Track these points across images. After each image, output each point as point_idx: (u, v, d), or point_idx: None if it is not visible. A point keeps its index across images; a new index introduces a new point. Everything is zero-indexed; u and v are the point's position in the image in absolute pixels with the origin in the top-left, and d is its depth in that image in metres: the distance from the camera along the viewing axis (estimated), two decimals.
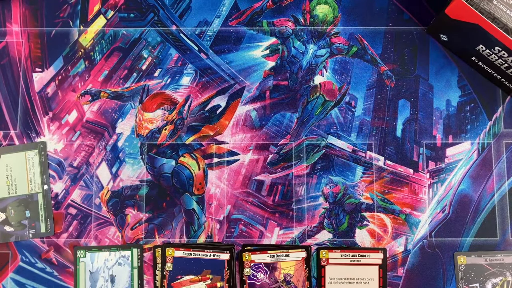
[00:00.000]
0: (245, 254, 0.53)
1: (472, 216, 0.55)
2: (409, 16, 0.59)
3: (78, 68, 0.58)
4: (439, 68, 0.58)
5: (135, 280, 0.53)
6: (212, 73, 0.58)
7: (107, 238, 0.55)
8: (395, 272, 0.54)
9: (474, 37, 0.52)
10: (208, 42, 0.59)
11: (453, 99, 0.58)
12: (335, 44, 0.59)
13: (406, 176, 0.56)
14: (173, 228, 0.55)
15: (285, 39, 0.59)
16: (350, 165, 0.56)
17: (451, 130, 0.57)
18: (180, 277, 0.52)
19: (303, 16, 0.59)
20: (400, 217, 0.55)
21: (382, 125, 0.57)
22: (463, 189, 0.56)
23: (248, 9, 0.59)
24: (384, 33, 0.59)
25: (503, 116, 0.57)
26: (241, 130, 0.57)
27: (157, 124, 0.57)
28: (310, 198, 0.56)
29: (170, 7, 0.59)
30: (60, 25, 0.59)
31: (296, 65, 0.58)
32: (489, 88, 0.58)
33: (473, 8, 0.49)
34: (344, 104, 0.58)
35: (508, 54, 0.50)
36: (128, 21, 0.59)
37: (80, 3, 0.59)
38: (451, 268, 0.54)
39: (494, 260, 0.54)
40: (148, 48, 0.58)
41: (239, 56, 0.58)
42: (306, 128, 0.57)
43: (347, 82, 0.58)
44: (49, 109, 0.57)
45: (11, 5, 0.59)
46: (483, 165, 0.56)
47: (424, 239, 0.55)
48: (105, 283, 0.53)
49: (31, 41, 0.58)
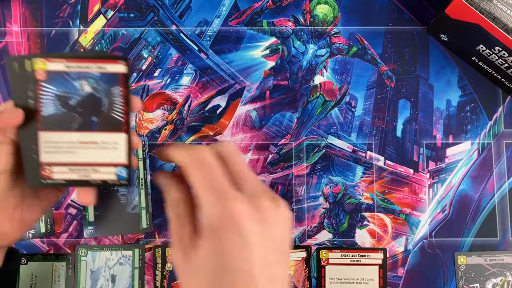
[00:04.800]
0: None
1: (472, 216, 0.55)
2: (409, 16, 0.59)
3: None
4: (440, 68, 0.58)
5: (135, 280, 0.53)
6: (212, 73, 0.58)
7: (107, 238, 0.55)
8: (395, 272, 0.54)
9: (474, 37, 0.52)
10: (208, 42, 0.58)
11: (453, 99, 0.58)
12: (335, 44, 0.59)
13: (406, 176, 0.56)
14: None
15: (285, 39, 0.59)
16: (350, 165, 0.56)
17: (452, 130, 0.57)
18: None
19: (303, 16, 0.59)
20: (400, 217, 0.55)
21: (382, 125, 0.57)
22: (463, 189, 0.56)
23: (248, 9, 0.59)
24: (384, 33, 0.59)
25: (503, 116, 0.57)
26: (241, 130, 0.57)
27: (157, 124, 0.57)
28: (310, 198, 0.56)
29: (170, 7, 0.59)
30: (60, 25, 0.59)
31: (296, 65, 0.58)
32: (489, 88, 0.58)
33: (473, 8, 0.49)
34: (344, 104, 0.58)
35: (508, 54, 0.50)
36: (128, 21, 0.59)
37: (80, 3, 0.59)
38: (451, 268, 0.54)
39: (494, 260, 0.54)
40: (148, 48, 0.58)
41: (239, 56, 0.58)
42: (306, 128, 0.57)
43: (347, 82, 0.58)
44: None
45: (11, 5, 0.59)
46: (483, 165, 0.56)
47: (424, 239, 0.55)
48: (105, 283, 0.53)
49: (31, 41, 0.58)
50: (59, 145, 0.34)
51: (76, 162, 0.35)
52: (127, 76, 0.34)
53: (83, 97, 0.34)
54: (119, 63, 0.33)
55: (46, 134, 0.34)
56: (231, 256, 0.27)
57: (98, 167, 0.35)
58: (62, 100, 0.33)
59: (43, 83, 0.33)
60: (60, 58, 0.33)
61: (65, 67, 0.33)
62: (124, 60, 0.34)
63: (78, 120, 0.34)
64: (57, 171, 0.35)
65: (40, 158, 0.34)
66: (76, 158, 0.35)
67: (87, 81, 0.33)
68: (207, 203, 0.28)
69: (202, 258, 0.28)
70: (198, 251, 0.28)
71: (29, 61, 0.32)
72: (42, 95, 0.33)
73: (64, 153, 0.34)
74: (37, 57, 0.32)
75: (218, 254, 0.27)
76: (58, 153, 0.34)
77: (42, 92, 0.33)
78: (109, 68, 0.34)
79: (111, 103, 0.34)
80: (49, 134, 0.34)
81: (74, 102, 0.34)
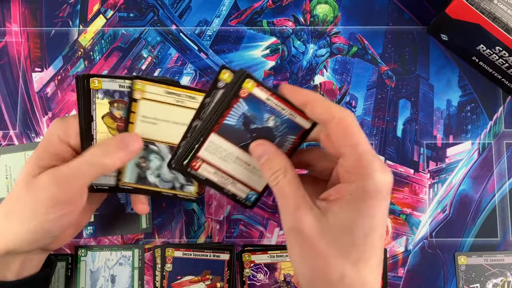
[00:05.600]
0: (245, 254, 0.53)
1: (473, 217, 0.55)
2: (410, 16, 0.59)
3: (77, 68, 0.58)
4: (440, 68, 0.58)
5: (135, 280, 0.53)
6: (212, 73, 0.58)
7: (106, 239, 0.55)
8: (396, 272, 0.54)
9: (474, 37, 0.52)
10: (208, 41, 0.58)
11: (453, 99, 0.58)
12: (335, 43, 0.59)
13: (407, 176, 0.56)
14: (172, 228, 0.55)
15: (285, 39, 0.59)
16: None
17: (452, 130, 0.57)
18: (180, 278, 0.52)
19: (303, 15, 0.59)
20: (400, 217, 0.55)
21: (382, 125, 0.57)
22: (464, 189, 0.56)
23: (248, 8, 0.59)
24: (384, 32, 0.59)
25: (504, 116, 0.57)
26: None
27: None
28: None
29: (170, 6, 0.59)
30: (60, 24, 0.59)
31: (296, 65, 0.58)
32: (489, 88, 0.58)
33: (474, 8, 0.49)
34: (344, 104, 0.57)
35: (508, 54, 0.50)
36: (127, 20, 0.59)
37: (80, 3, 0.59)
38: (451, 268, 0.54)
39: (494, 260, 0.54)
40: (148, 48, 0.58)
41: (239, 56, 0.58)
42: None
43: (347, 82, 0.58)
44: (48, 109, 0.57)
45: (10, 4, 0.59)
46: (483, 165, 0.56)
47: (424, 239, 0.55)
48: (105, 283, 0.53)
49: (31, 41, 0.58)
50: (220, 150, 0.38)
51: (223, 170, 0.39)
52: (307, 132, 0.38)
53: (263, 127, 0.38)
54: (308, 120, 0.37)
55: (216, 137, 0.38)
56: (382, 218, 0.32)
57: (238, 183, 0.40)
58: (246, 120, 0.37)
59: (242, 99, 0.36)
60: (267, 89, 0.36)
61: (266, 98, 0.37)
62: (312, 122, 0.38)
63: (246, 141, 0.38)
64: (205, 168, 0.39)
65: (199, 151, 0.38)
66: (226, 167, 0.39)
67: (274, 118, 0.37)
68: (378, 169, 0.31)
69: (350, 216, 0.31)
70: (343, 210, 0.32)
71: (252, 82, 0.36)
72: (234, 108, 0.37)
73: (220, 158, 0.39)
74: (254, 80, 0.36)
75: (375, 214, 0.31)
76: (215, 155, 0.39)
77: (236, 106, 0.37)
78: (298, 119, 0.37)
79: (281, 144, 0.38)
80: (218, 138, 0.38)
81: (253, 126, 0.38)
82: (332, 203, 0.32)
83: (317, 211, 0.33)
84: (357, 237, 0.31)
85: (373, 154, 0.32)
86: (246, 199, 0.41)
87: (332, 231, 0.31)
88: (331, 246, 0.31)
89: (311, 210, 0.32)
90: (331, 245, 0.31)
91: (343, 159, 0.33)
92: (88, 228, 0.54)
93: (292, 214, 0.33)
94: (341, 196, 0.32)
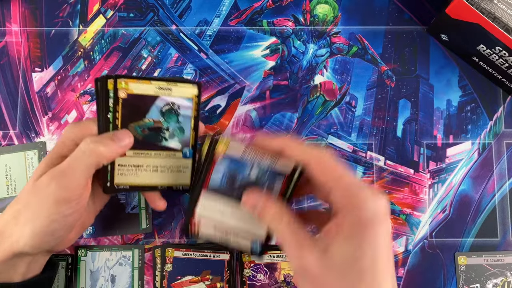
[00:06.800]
0: (245, 254, 0.53)
1: (473, 217, 0.55)
2: (410, 16, 0.59)
3: (77, 68, 0.58)
4: (440, 68, 0.58)
5: (135, 280, 0.53)
6: (212, 73, 0.58)
7: (106, 239, 0.55)
8: (396, 272, 0.54)
9: (474, 37, 0.52)
10: (208, 41, 0.58)
11: (453, 99, 0.58)
12: (335, 43, 0.59)
13: (407, 176, 0.56)
14: (172, 228, 0.55)
15: (285, 39, 0.59)
16: (350, 165, 0.56)
17: (452, 130, 0.57)
18: (180, 278, 0.52)
19: (303, 15, 0.59)
20: (400, 218, 0.55)
21: (382, 125, 0.57)
22: (464, 189, 0.56)
23: (248, 8, 0.59)
24: (384, 32, 0.59)
25: (504, 116, 0.57)
26: (241, 130, 0.57)
27: None
28: (310, 198, 0.55)
29: (170, 6, 0.59)
30: (60, 24, 0.59)
31: (296, 65, 0.58)
32: (489, 88, 0.58)
33: (474, 8, 0.49)
34: (344, 104, 0.57)
35: (508, 53, 0.50)
36: (127, 20, 0.59)
37: (80, 3, 0.59)
38: (451, 268, 0.54)
39: (494, 260, 0.54)
40: (148, 48, 0.58)
41: (239, 56, 0.58)
42: (306, 128, 0.57)
43: (347, 82, 0.58)
44: (48, 109, 0.57)
45: (10, 4, 0.59)
46: (483, 165, 0.56)
47: (424, 239, 0.55)
48: (105, 283, 0.53)
49: (31, 41, 0.58)
50: (214, 206, 0.39)
51: (222, 223, 0.40)
52: (292, 176, 0.38)
53: (248, 179, 0.38)
54: (289, 164, 0.38)
55: (207, 195, 0.39)
56: (385, 243, 0.32)
57: (239, 233, 0.40)
58: (230, 177, 0.38)
59: (219, 161, 0.38)
60: (241, 143, 0.37)
61: (243, 151, 0.38)
62: (293, 166, 0.37)
63: (237, 194, 0.38)
64: (204, 223, 0.40)
65: (197, 209, 0.39)
66: (224, 220, 0.39)
67: (256, 167, 0.38)
68: (368, 197, 0.32)
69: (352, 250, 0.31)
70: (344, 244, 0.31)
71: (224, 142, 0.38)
72: (214, 171, 0.38)
73: (216, 213, 0.39)
74: (226, 139, 0.37)
75: (376, 242, 0.31)
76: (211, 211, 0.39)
77: (215, 170, 0.38)
78: (279, 164, 0.38)
79: (270, 189, 0.38)
80: (209, 195, 0.39)
81: (238, 181, 0.38)
82: (333, 238, 0.32)
83: (320, 247, 0.32)
84: (363, 270, 0.31)
85: (359, 183, 0.32)
86: (252, 247, 0.40)
87: (337, 267, 0.31)
88: (339, 283, 0.31)
89: (314, 248, 0.32)
90: (340, 282, 0.31)
91: (332, 195, 0.33)
92: (88, 228, 0.54)
93: (296, 256, 0.33)
94: (340, 230, 0.32)
